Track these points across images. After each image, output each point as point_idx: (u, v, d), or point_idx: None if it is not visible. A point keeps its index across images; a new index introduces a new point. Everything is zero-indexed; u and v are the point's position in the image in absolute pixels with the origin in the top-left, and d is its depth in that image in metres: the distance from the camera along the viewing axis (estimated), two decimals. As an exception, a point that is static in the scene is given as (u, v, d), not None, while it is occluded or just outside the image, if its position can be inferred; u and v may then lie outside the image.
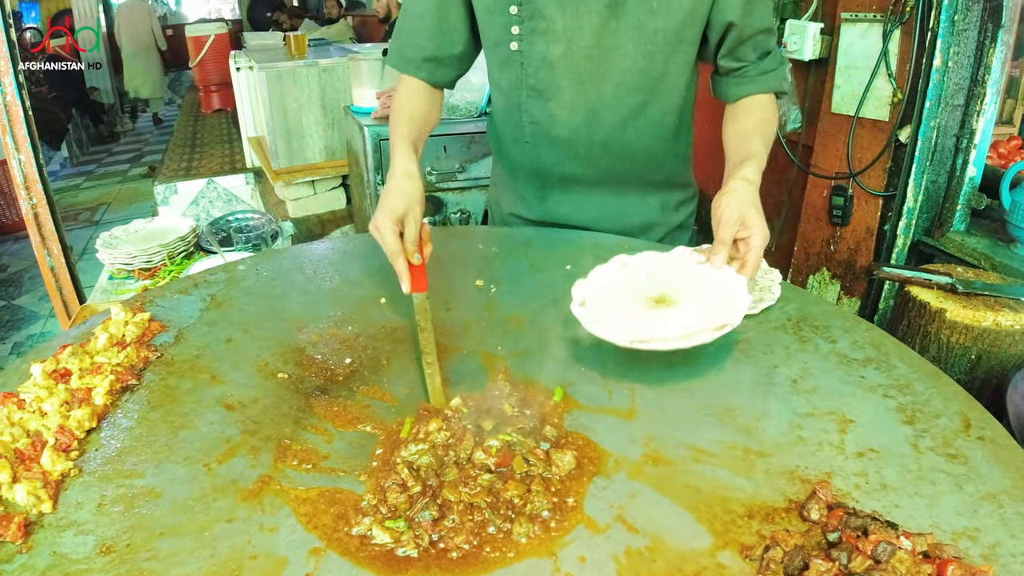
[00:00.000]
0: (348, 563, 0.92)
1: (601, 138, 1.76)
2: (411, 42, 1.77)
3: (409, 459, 1.07)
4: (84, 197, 8.52)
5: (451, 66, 1.81)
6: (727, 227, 1.37)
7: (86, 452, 1.12)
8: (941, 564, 0.85)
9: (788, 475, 1.05)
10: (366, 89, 4.18)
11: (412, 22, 1.77)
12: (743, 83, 1.71)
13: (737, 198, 1.40)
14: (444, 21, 1.73)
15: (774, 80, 1.71)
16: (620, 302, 1.39)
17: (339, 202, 5.45)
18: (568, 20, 1.61)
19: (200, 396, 1.26)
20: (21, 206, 3.07)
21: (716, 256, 1.38)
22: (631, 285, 1.44)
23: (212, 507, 1.00)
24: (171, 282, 1.76)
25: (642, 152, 1.80)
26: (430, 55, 1.76)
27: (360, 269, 1.74)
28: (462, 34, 1.76)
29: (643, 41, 1.63)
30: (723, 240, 1.38)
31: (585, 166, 1.83)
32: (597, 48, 1.64)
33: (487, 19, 1.70)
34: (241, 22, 14.08)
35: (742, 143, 1.59)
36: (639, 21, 1.61)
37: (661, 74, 1.68)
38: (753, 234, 1.37)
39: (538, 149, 1.83)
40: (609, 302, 1.39)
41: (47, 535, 0.96)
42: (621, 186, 1.89)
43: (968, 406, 1.18)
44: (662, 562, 0.90)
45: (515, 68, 1.72)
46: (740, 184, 1.43)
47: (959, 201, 2.83)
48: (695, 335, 1.24)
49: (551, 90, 1.71)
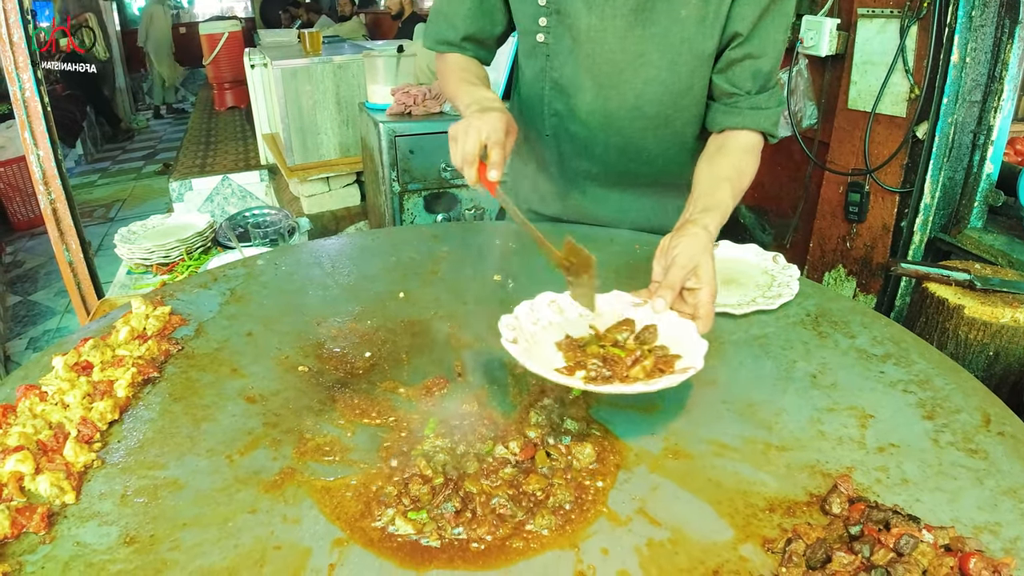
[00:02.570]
0: (371, 554, 0.92)
1: (618, 143, 1.75)
2: (450, 23, 1.77)
3: (427, 452, 1.08)
4: (99, 194, 8.56)
5: (491, 46, 1.85)
6: (679, 271, 1.26)
7: (108, 444, 1.13)
8: (963, 557, 0.85)
9: (809, 469, 1.05)
10: (381, 86, 4.19)
11: (452, 5, 1.77)
12: (731, 113, 1.62)
13: (695, 244, 1.29)
14: (485, 3, 1.75)
15: (764, 119, 1.61)
16: (551, 340, 1.27)
17: (353, 199, 5.47)
18: (592, 20, 1.60)
19: (221, 389, 1.27)
20: (40, 201, 3.09)
21: (659, 299, 1.26)
22: (566, 324, 1.31)
23: (235, 498, 1.01)
24: (191, 276, 1.77)
25: (659, 158, 1.79)
26: (471, 34, 1.78)
27: (378, 264, 1.74)
28: (502, 14, 1.78)
29: (668, 51, 1.60)
30: (671, 285, 1.26)
31: (602, 166, 1.82)
32: (621, 54, 1.62)
33: (518, 6, 1.71)
34: (254, 20, 14.11)
35: (712, 188, 1.48)
36: (665, 29, 1.57)
37: (686, 88, 1.65)
38: (704, 288, 1.26)
39: (558, 142, 1.83)
40: (542, 340, 1.27)
41: (70, 526, 0.97)
42: (638, 188, 1.88)
43: (988, 401, 1.18)
44: (684, 555, 0.91)
45: (540, 59, 1.72)
46: (700, 231, 1.32)
47: (976, 198, 2.82)
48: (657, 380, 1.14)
49: (572, 87, 1.70)
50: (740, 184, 1.53)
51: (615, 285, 1.59)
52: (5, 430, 1.09)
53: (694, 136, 1.76)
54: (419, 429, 1.15)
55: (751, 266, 1.68)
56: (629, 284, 1.58)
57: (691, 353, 1.17)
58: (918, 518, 0.92)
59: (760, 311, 1.48)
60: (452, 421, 1.16)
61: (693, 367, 1.13)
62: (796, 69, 3.43)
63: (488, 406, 1.21)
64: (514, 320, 1.25)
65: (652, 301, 1.28)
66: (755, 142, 1.62)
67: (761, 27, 1.55)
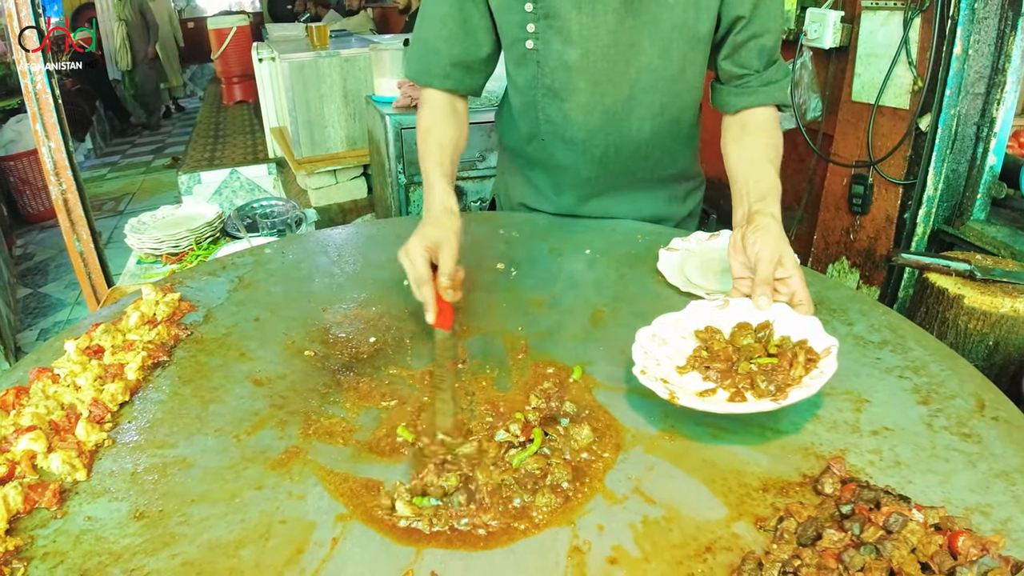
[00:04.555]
0: (372, 530, 0.95)
1: (616, 139, 1.74)
2: (434, 49, 1.70)
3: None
4: (108, 187, 8.60)
5: (479, 70, 1.76)
6: (768, 266, 1.29)
7: (119, 424, 1.16)
8: (952, 536, 0.86)
9: (803, 451, 1.07)
10: (387, 79, 4.21)
11: (434, 28, 1.69)
12: (744, 93, 1.64)
13: (771, 236, 1.32)
14: (467, 22, 1.67)
15: (778, 91, 1.64)
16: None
17: (360, 191, 5.49)
18: (584, 19, 1.58)
19: (229, 372, 1.30)
20: (51, 192, 3.12)
21: (762, 297, 1.28)
22: (676, 353, 1.28)
23: (242, 475, 1.04)
24: (200, 264, 1.80)
25: (657, 149, 1.79)
26: (456, 60, 1.70)
27: (383, 253, 1.77)
28: (487, 34, 1.70)
29: (659, 38, 1.60)
30: (767, 280, 1.29)
31: (599, 168, 1.81)
32: (614, 47, 1.61)
33: (503, 16, 1.66)
34: (262, 14, 14.12)
35: (759, 173, 1.49)
36: (654, 16, 1.57)
37: (679, 72, 1.65)
38: (793, 275, 1.28)
39: (553, 148, 1.81)
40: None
41: (81, 502, 1.00)
42: (632, 185, 1.89)
43: (983, 387, 1.19)
44: (678, 531, 0.93)
45: (531, 67, 1.69)
46: (770, 221, 1.35)
47: (979, 190, 2.82)
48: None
49: (567, 91, 1.68)
50: (778, 160, 1.55)
51: (618, 274, 1.62)
52: (19, 410, 1.13)
53: (690, 124, 1.78)
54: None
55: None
56: (632, 273, 1.61)
57: (812, 333, 1.21)
58: (909, 498, 0.94)
59: (759, 299, 1.50)
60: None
61: (831, 343, 1.16)
62: (800, 62, 3.44)
63: (490, 390, 1.24)
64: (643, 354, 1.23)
65: (756, 300, 1.28)
66: (773, 115, 1.65)
67: (761, 6, 1.57)
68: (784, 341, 1.21)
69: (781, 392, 1.12)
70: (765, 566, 0.85)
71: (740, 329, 1.26)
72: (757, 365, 1.17)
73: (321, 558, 0.90)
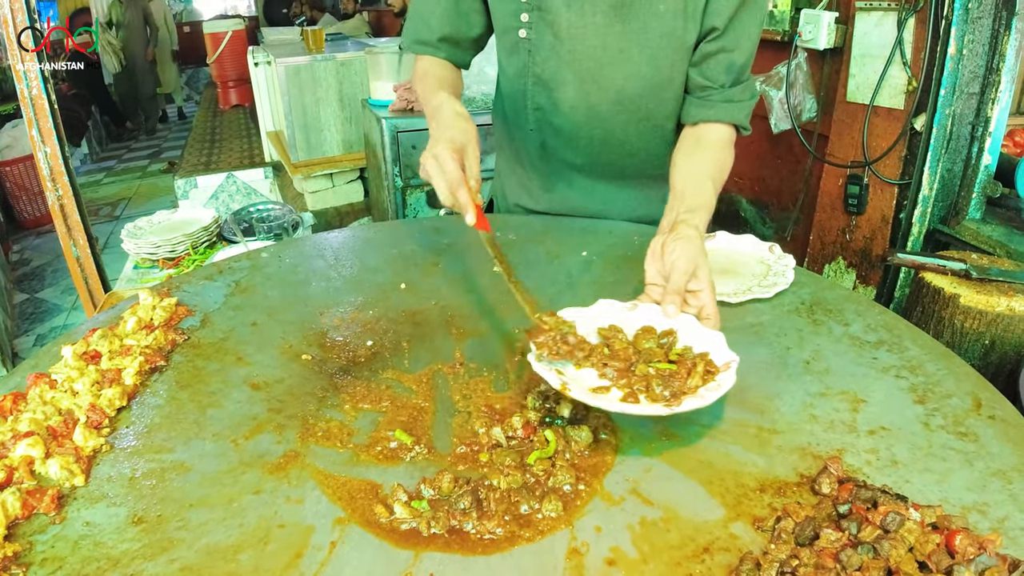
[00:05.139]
0: (370, 534, 0.95)
1: (601, 135, 1.77)
2: (426, 24, 1.77)
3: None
4: (105, 192, 8.60)
5: (467, 48, 1.83)
6: (681, 276, 1.27)
7: (117, 429, 1.15)
8: (949, 534, 0.86)
9: (800, 451, 1.07)
10: (383, 82, 4.21)
11: (427, 5, 1.76)
12: (704, 106, 1.64)
13: (691, 247, 1.30)
14: (460, 4, 1.74)
15: (737, 111, 1.63)
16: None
17: (357, 194, 5.50)
18: (572, 18, 1.61)
19: (226, 376, 1.30)
20: (47, 197, 3.12)
21: (671, 306, 1.26)
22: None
23: (240, 480, 1.04)
24: (196, 269, 1.80)
25: (642, 151, 1.81)
26: (447, 35, 1.77)
27: (380, 256, 1.77)
28: (478, 16, 1.77)
29: (648, 46, 1.61)
30: (678, 290, 1.27)
31: (587, 157, 1.84)
32: (602, 50, 1.63)
33: (498, 4, 1.70)
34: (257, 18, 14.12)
35: (697, 185, 1.49)
36: (644, 24, 1.59)
37: (666, 80, 1.66)
38: (705, 289, 1.28)
39: (542, 135, 1.84)
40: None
41: (79, 507, 0.99)
42: (623, 179, 1.90)
43: (979, 386, 1.20)
44: (675, 532, 0.93)
45: (523, 55, 1.72)
46: (692, 232, 1.33)
47: (974, 189, 2.82)
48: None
49: (555, 81, 1.71)
50: (721, 180, 1.56)
51: (614, 276, 1.63)
52: (16, 416, 1.12)
53: (674, 129, 1.78)
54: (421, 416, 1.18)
55: (747, 256, 1.70)
56: (630, 275, 1.61)
57: (715, 347, 1.19)
58: (906, 497, 0.94)
59: (756, 299, 1.50)
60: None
61: (733, 359, 1.15)
62: (795, 63, 3.45)
63: (487, 392, 1.24)
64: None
65: (664, 307, 1.27)
66: (729, 135, 1.64)
67: (736, 21, 1.56)
68: (686, 351, 1.20)
69: (676, 399, 1.09)
70: (763, 566, 0.85)
71: (644, 332, 1.25)
72: (655, 369, 1.15)
73: (319, 562, 0.90)
